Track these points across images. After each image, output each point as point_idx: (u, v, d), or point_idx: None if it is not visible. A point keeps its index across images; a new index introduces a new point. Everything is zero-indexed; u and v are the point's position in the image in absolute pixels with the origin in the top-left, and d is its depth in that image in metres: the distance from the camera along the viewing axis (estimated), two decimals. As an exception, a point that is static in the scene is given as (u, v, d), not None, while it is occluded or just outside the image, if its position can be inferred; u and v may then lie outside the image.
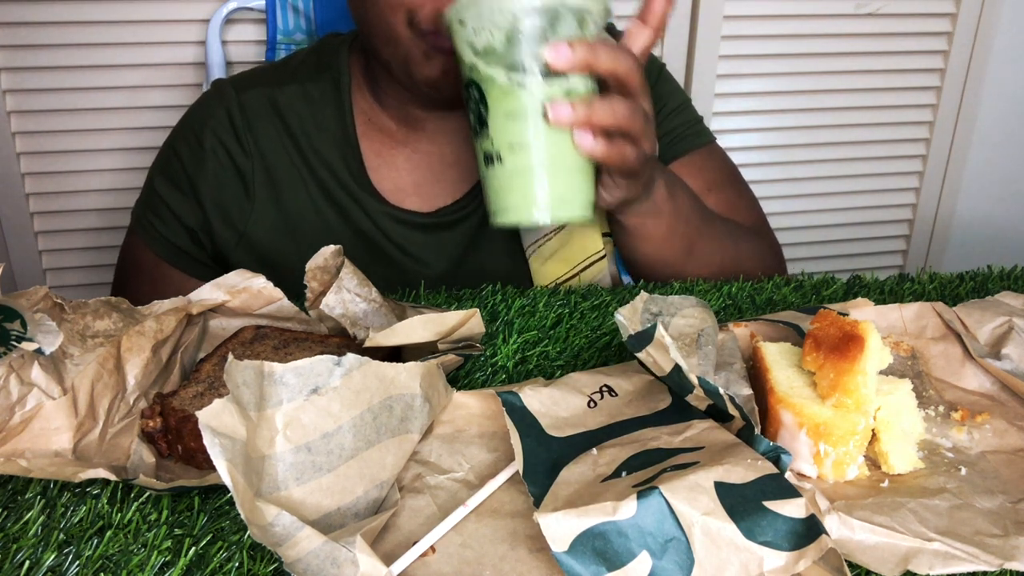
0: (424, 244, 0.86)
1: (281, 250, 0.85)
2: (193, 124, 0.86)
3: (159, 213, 0.85)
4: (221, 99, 0.85)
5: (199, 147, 0.84)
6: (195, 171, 0.84)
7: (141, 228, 0.87)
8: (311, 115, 0.85)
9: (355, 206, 0.85)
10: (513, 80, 0.59)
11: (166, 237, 0.85)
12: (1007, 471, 0.50)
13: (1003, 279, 0.78)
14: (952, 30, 1.55)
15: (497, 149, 0.61)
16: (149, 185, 0.87)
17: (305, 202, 0.85)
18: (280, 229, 0.85)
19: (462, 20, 0.59)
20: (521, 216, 0.62)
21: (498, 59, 0.59)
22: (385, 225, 0.85)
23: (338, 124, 0.84)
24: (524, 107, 0.59)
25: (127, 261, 0.90)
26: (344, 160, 0.84)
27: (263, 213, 0.84)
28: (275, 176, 0.84)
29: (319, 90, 0.85)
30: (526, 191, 0.61)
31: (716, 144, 0.95)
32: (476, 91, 0.61)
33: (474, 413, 0.53)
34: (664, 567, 0.38)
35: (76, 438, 0.51)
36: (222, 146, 0.84)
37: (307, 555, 0.38)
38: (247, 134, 0.84)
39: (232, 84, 0.87)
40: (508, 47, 0.59)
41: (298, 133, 0.84)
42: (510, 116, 0.60)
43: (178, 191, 0.85)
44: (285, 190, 0.85)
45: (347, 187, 0.85)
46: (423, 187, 0.86)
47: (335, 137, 0.84)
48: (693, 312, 0.58)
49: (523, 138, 0.60)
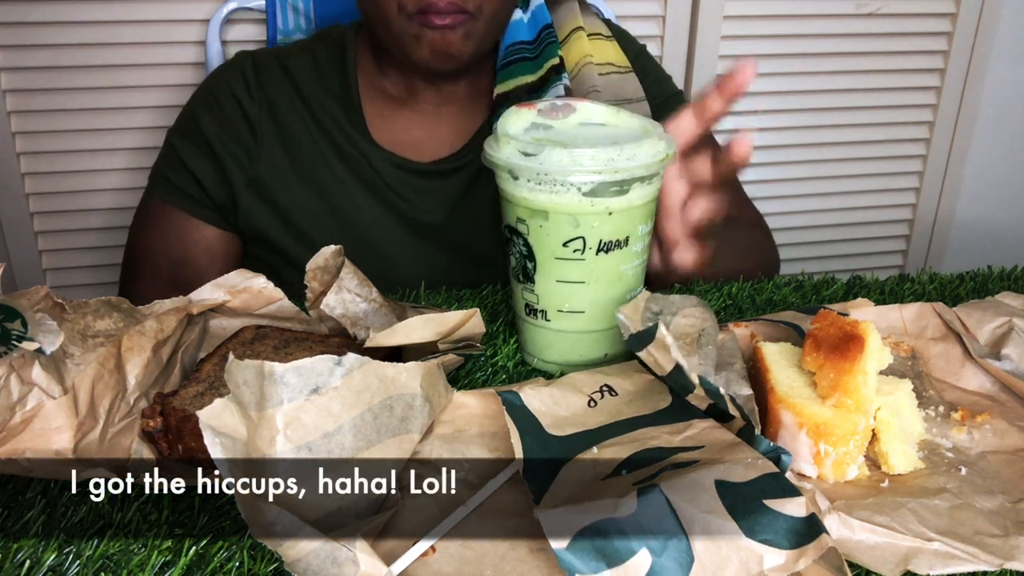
0: (421, 190, 0.91)
1: (287, 193, 0.89)
2: (211, 86, 0.93)
3: (173, 166, 0.91)
4: (239, 63, 0.93)
5: (213, 100, 0.91)
6: (206, 121, 0.90)
7: (154, 183, 0.92)
8: (317, 78, 0.91)
9: (356, 152, 0.90)
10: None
11: (176, 184, 0.90)
12: (1007, 471, 0.50)
13: (1003, 279, 0.78)
14: (952, 30, 1.55)
15: (543, 308, 0.61)
16: (166, 143, 0.93)
17: (310, 148, 0.90)
18: (287, 172, 0.89)
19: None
20: (560, 367, 0.63)
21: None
22: (384, 170, 0.90)
23: (342, 85, 0.91)
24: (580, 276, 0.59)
25: (139, 212, 0.94)
26: (347, 115, 0.90)
27: (271, 156, 0.89)
28: (282, 125, 0.90)
29: (326, 57, 0.92)
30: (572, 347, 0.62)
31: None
32: (524, 246, 0.60)
33: (474, 413, 0.53)
34: (664, 564, 0.38)
35: (76, 438, 0.51)
36: (232, 95, 0.90)
37: (307, 555, 0.38)
38: (257, 88, 0.90)
39: (250, 53, 0.95)
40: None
41: (304, 89, 0.91)
42: (562, 282, 0.59)
43: (189, 142, 0.90)
44: (290, 137, 0.90)
45: (349, 136, 0.90)
46: (421, 142, 0.91)
47: (339, 95, 0.91)
48: (694, 312, 0.58)
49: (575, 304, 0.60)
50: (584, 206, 0.56)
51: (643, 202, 0.58)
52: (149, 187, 0.93)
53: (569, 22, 0.97)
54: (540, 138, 0.60)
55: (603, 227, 0.57)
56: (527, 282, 0.60)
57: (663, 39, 1.44)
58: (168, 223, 0.90)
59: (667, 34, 1.44)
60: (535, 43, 0.94)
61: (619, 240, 0.58)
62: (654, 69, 1.01)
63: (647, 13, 1.43)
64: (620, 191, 0.56)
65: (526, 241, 0.59)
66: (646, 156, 0.57)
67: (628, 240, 0.58)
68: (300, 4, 1.17)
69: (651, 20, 1.44)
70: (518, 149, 0.57)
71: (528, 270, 0.60)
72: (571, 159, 0.55)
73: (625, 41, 1.00)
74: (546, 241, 0.58)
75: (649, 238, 0.61)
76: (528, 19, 0.95)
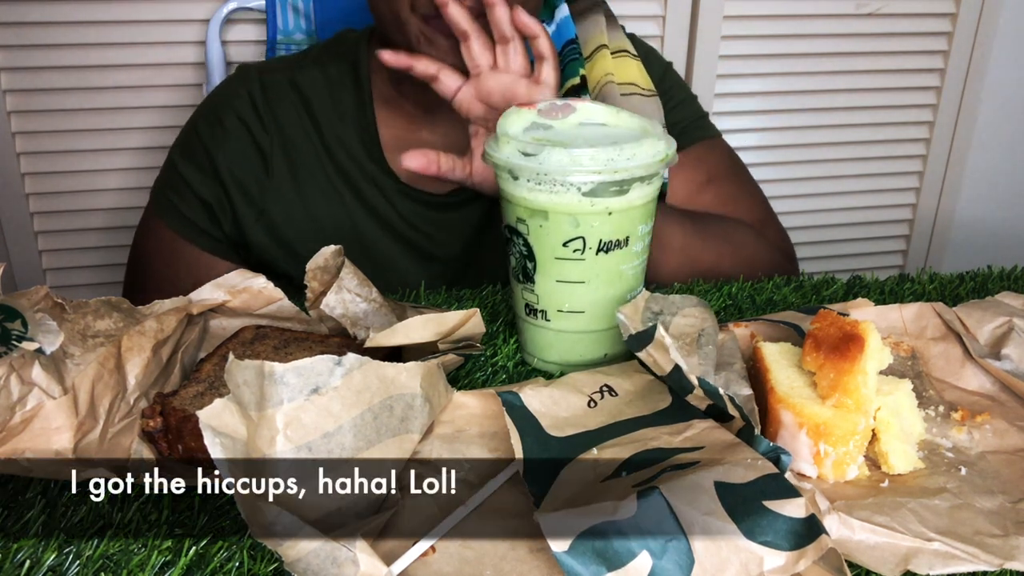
0: (438, 223, 0.87)
1: (298, 227, 0.86)
2: (215, 104, 0.87)
3: (177, 189, 0.86)
4: (244, 81, 0.87)
5: (220, 126, 0.85)
6: (215, 149, 0.85)
7: (159, 206, 0.88)
8: (329, 96, 0.86)
9: (370, 184, 0.86)
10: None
11: (184, 214, 0.86)
12: (1007, 471, 0.50)
13: (1003, 279, 0.78)
14: (952, 30, 1.55)
15: (543, 308, 0.61)
16: (169, 164, 0.88)
17: (322, 180, 0.86)
18: (297, 206, 0.86)
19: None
20: (560, 366, 0.63)
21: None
22: (399, 203, 0.86)
23: (356, 106, 0.86)
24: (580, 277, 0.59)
25: (143, 237, 0.91)
26: (361, 141, 0.86)
27: (281, 189, 0.85)
28: (293, 154, 0.86)
29: (338, 72, 0.87)
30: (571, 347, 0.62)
31: (721, 139, 0.96)
32: (524, 246, 0.60)
33: (474, 413, 0.53)
34: (664, 567, 0.38)
35: (76, 438, 0.51)
36: (243, 124, 0.85)
37: (307, 555, 0.38)
38: (267, 113, 0.85)
39: (256, 67, 0.89)
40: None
41: (317, 113, 0.86)
42: (562, 282, 0.59)
43: (198, 170, 0.85)
44: (302, 167, 0.86)
45: (363, 166, 0.86)
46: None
47: (353, 118, 0.86)
48: (694, 312, 0.58)
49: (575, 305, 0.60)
50: (584, 206, 0.56)
51: (643, 202, 0.58)
52: (154, 208, 0.88)
53: (594, 38, 0.92)
54: (540, 138, 0.60)
55: (603, 227, 0.57)
56: (527, 282, 0.60)
57: (663, 39, 1.44)
58: (177, 256, 0.86)
59: (667, 34, 1.44)
60: (559, 58, 0.89)
61: (619, 240, 0.58)
62: (679, 91, 0.96)
63: (647, 13, 1.43)
64: (620, 191, 0.56)
65: (526, 241, 0.59)
66: (646, 156, 0.57)
67: (628, 240, 0.58)
68: (300, 4, 1.17)
69: (651, 20, 1.44)
70: (518, 149, 0.57)
71: (528, 270, 0.60)
72: (571, 159, 0.55)
73: (651, 61, 0.95)
74: (546, 241, 0.58)
75: (649, 238, 0.61)
76: (553, 32, 0.90)
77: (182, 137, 0.89)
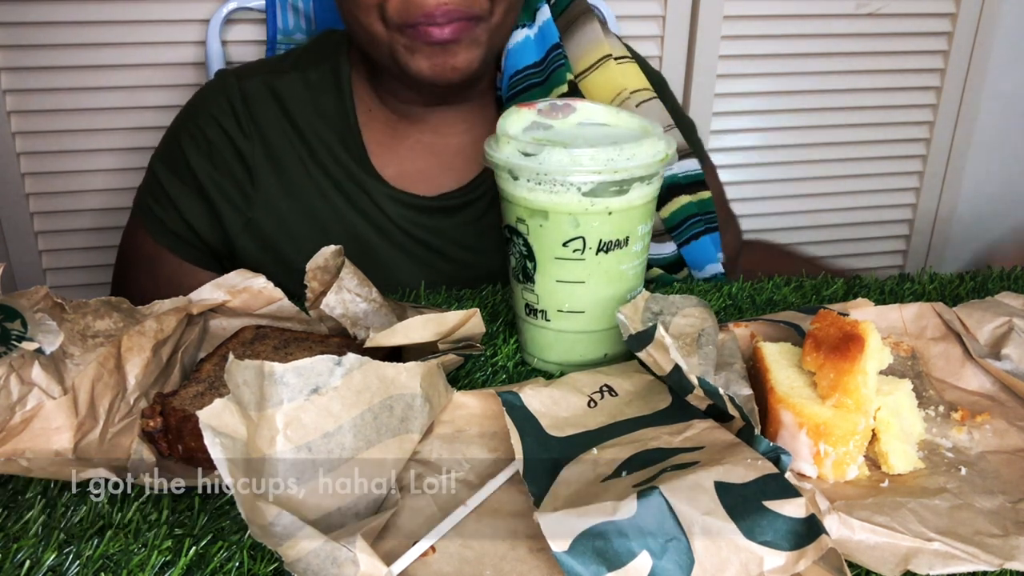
0: (430, 227, 0.86)
1: (287, 234, 0.85)
2: (195, 112, 0.86)
3: (159, 199, 0.85)
4: (223, 88, 0.86)
5: (200, 135, 0.84)
6: (196, 159, 0.84)
7: (141, 213, 0.87)
8: (310, 100, 0.85)
9: (357, 189, 0.84)
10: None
11: (164, 223, 0.85)
12: (1007, 471, 0.50)
13: (1003, 279, 0.78)
14: (952, 30, 1.55)
15: (543, 309, 0.61)
16: (150, 171, 0.87)
17: (308, 186, 0.84)
18: (285, 212, 0.84)
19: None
20: (560, 366, 0.63)
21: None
22: (389, 208, 0.85)
23: (338, 111, 0.85)
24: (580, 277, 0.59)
25: (127, 246, 0.90)
26: (344, 145, 0.84)
27: (268, 197, 0.84)
28: (277, 159, 0.84)
29: (318, 76, 0.85)
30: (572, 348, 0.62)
31: (710, 161, 0.98)
32: (523, 246, 0.60)
33: (474, 413, 0.53)
34: (664, 567, 0.38)
35: (76, 438, 0.51)
36: (223, 132, 0.84)
37: (307, 555, 0.38)
38: (248, 119, 0.84)
39: (234, 74, 0.87)
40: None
41: (298, 118, 0.84)
42: (562, 282, 0.59)
43: (177, 178, 0.84)
44: (287, 173, 0.85)
45: (349, 170, 0.84)
46: (427, 173, 0.86)
47: (335, 123, 0.85)
48: (694, 312, 0.58)
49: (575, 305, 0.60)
50: (584, 206, 0.56)
51: (643, 202, 0.58)
52: (137, 216, 0.87)
53: (595, 49, 0.89)
54: (540, 138, 0.60)
55: (603, 227, 0.57)
56: (527, 282, 0.60)
57: (663, 39, 1.44)
58: (159, 267, 0.85)
59: (667, 34, 1.44)
60: (543, 65, 0.87)
61: (619, 240, 0.58)
62: (671, 98, 0.96)
63: (647, 13, 1.43)
64: (620, 191, 0.56)
65: (526, 241, 0.59)
66: (646, 156, 0.57)
67: (628, 240, 0.58)
68: (300, 4, 1.17)
69: (651, 20, 1.44)
70: (518, 149, 0.57)
71: (528, 270, 0.60)
72: (571, 159, 0.55)
73: (644, 65, 0.94)
74: (546, 241, 0.58)
75: (649, 238, 0.61)
76: (535, 35, 0.87)
77: (162, 147, 0.88)
